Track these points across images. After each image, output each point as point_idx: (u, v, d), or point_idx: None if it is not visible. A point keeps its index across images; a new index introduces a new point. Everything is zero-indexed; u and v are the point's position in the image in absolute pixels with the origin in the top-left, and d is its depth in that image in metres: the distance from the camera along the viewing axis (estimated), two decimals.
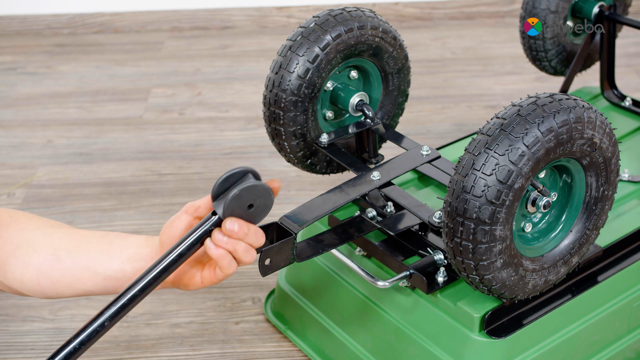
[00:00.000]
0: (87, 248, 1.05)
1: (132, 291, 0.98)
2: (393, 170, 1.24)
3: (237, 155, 2.02)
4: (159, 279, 0.98)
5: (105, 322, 0.97)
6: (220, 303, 1.55)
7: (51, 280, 1.05)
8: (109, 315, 0.97)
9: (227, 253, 0.99)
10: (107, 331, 0.98)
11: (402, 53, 1.34)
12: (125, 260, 1.04)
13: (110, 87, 2.38)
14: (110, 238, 1.06)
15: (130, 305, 0.98)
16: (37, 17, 2.76)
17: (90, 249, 1.05)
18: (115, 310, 0.97)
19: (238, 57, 2.57)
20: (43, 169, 1.99)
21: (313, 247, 1.17)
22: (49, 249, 1.05)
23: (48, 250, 1.05)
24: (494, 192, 1.02)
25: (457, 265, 1.09)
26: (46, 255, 1.05)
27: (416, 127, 2.12)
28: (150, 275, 0.98)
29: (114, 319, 0.97)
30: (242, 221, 0.99)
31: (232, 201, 0.96)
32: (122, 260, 1.04)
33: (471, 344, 1.16)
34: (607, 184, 1.13)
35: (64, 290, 1.06)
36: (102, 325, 0.97)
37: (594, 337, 1.25)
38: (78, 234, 1.07)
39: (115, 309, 0.97)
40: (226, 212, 0.97)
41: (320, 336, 1.39)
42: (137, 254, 1.04)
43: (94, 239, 1.06)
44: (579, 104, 1.05)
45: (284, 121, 1.28)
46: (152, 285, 0.98)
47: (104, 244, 1.05)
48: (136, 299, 0.98)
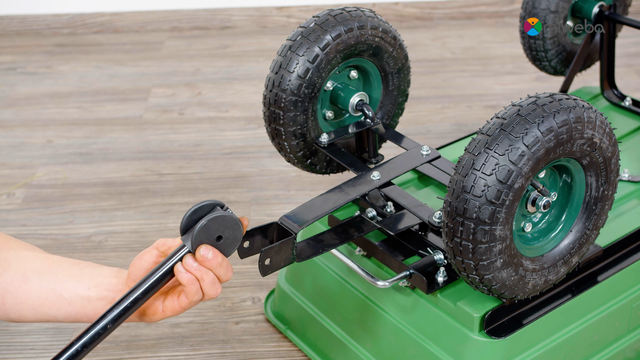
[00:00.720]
0: (57, 272, 1.05)
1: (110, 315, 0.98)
2: (393, 170, 1.24)
3: (237, 155, 2.02)
4: (129, 311, 0.99)
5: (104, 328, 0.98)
6: (220, 303, 1.55)
7: (16, 301, 1.05)
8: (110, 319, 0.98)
9: (196, 280, 0.99)
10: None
11: (402, 53, 1.34)
12: (92, 287, 1.04)
13: (110, 87, 2.38)
14: (82, 266, 1.06)
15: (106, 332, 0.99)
16: (37, 17, 2.76)
17: (60, 273, 1.05)
18: (93, 333, 0.98)
19: (238, 57, 2.57)
20: (43, 169, 1.99)
21: (313, 247, 1.17)
22: (19, 269, 1.05)
23: (18, 271, 1.05)
24: (494, 192, 1.02)
25: (457, 265, 1.09)
26: (15, 275, 1.05)
27: (416, 127, 2.12)
28: (120, 307, 0.98)
29: (94, 341, 0.98)
30: (217, 251, 0.99)
31: (200, 232, 0.97)
32: (89, 286, 1.04)
33: (471, 344, 1.16)
34: (607, 184, 1.13)
35: (27, 313, 1.06)
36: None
37: (594, 337, 1.25)
38: (51, 259, 1.07)
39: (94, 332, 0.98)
40: (194, 243, 0.97)
41: (320, 336, 1.39)
42: (104, 283, 1.04)
43: (66, 264, 1.06)
44: (578, 104, 1.05)
45: (284, 121, 1.28)
46: (124, 316, 0.99)
47: (74, 270, 1.05)
48: (119, 319, 0.99)
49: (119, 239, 1.74)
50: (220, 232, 0.98)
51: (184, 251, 0.99)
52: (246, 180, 1.92)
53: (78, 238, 1.74)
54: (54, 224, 1.79)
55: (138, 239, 1.73)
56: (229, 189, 1.89)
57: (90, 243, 1.73)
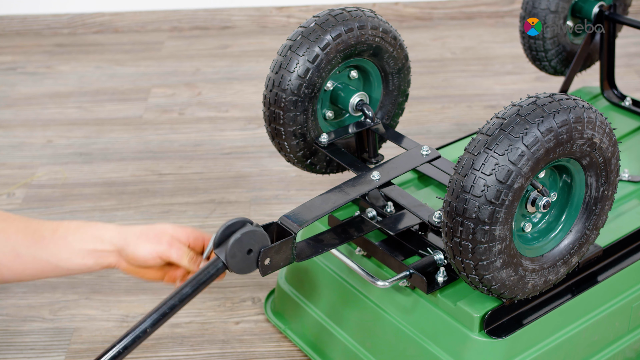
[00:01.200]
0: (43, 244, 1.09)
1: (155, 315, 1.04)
2: (393, 170, 1.24)
3: (237, 155, 2.02)
4: (166, 316, 1.05)
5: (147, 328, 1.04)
6: (220, 303, 1.55)
7: (13, 273, 1.10)
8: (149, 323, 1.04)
9: None
10: None
11: (402, 53, 1.34)
12: (87, 255, 1.10)
13: (110, 87, 2.38)
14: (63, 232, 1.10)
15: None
16: (37, 17, 2.76)
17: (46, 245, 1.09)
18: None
19: (238, 57, 2.57)
20: (43, 169, 1.99)
21: (313, 246, 1.17)
22: (6, 245, 1.09)
23: (6, 247, 1.08)
24: (494, 192, 1.02)
25: (456, 265, 1.09)
26: (4, 250, 1.08)
27: (416, 127, 2.12)
28: (159, 312, 1.04)
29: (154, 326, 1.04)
30: None
31: (234, 245, 1.04)
32: (83, 256, 1.10)
33: (471, 344, 1.16)
34: (607, 184, 1.13)
35: (27, 279, 1.11)
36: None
37: (594, 337, 1.25)
38: (31, 228, 1.10)
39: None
40: (229, 255, 1.05)
41: (320, 336, 1.39)
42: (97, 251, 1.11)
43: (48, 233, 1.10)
44: (578, 104, 1.05)
45: (284, 121, 1.28)
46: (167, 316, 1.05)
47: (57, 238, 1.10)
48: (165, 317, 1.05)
49: None
50: (251, 246, 1.06)
51: (218, 263, 1.06)
52: (246, 180, 1.92)
53: None
54: None
55: None
56: (229, 189, 1.89)
57: None
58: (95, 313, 1.54)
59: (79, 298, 1.57)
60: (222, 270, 1.06)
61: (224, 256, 1.05)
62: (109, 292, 1.59)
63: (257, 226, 1.07)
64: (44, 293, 1.59)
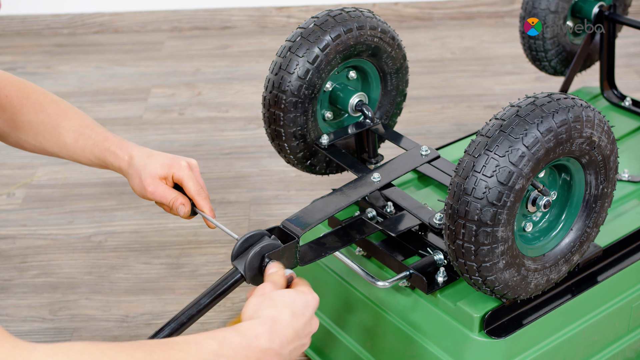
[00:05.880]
0: None
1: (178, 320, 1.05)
2: (393, 171, 1.25)
3: (237, 155, 2.02)
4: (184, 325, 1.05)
5: None
6: (220, 303, 1.54)
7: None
8: None
9: None
10: None
11: (400, 53, 1.34)
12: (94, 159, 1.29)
13: (110, 87, 2.38)
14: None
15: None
16: (36, 17, 2.76)
17: None
18: None
19: (238, 57, 2.57)
20: (43, 169, 1.99)
21: (315, 250, 1.17)
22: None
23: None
24: (495, 193, 1.02)
25: (459, 267, 1.09)
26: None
27: (416, 127, 2.12)
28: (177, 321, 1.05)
29: None
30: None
31: (253, 257, 1.06)
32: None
33: (471, 344, 1.16)
34: (606, 182, 1.13)
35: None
36: None
37: (594, 337, 1.25)
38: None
39: None
40: (248, 266, 1.07)
41: (320, 336, 1.39)
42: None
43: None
44: (577, 103, 1.05)
45: (284, 122, 1.27)
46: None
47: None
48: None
49: (119, 239, 1.74)
50: None
51: (236, 275, 1.07)
52: (246, 181, 1.92)
53: (78, 238, 1.75)
54: (54, 224, 1.79)
55: (138, 239, 1.74)
56: (229, 189, 1.89)
57: (90, 243, 1.73)
58: (95, 313, 1.54)
59: (79, 298, 1.57)
60: (240, 282, 1.08)
61: (242, 268, 1.06)
62: (109, 292, 1.59)
63: (275, 239, 1.08)
64: (44, 293, 1.59)
